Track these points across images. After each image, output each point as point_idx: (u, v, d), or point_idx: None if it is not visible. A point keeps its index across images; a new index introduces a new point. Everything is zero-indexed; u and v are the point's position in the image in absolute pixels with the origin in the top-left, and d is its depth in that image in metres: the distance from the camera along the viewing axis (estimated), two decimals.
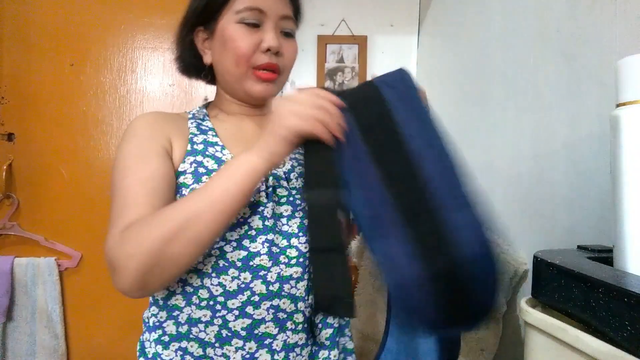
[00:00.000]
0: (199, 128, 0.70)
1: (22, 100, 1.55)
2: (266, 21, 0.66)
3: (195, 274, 0.59)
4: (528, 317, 0.51)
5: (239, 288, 0.59)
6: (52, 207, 1.57)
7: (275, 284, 0.60)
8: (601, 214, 0.66)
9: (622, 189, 0.46)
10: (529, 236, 0.88)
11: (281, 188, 0.66)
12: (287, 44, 0.69)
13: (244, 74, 0.67)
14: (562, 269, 0.47)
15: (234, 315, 0.58)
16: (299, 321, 0.61)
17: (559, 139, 0.78)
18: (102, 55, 1.59)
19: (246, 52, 0.65)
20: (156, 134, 0.65)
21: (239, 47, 0.65)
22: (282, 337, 0.60)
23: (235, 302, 0.58)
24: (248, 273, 0.59)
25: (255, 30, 0.66)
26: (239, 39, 0.65)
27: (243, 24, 0.65)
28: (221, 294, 0.59)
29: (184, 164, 0.64)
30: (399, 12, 1.68)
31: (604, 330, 0.40)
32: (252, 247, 0.60)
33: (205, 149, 0.66)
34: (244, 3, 0.65)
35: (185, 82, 1.62)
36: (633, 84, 0.46)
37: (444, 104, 1.42)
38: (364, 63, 1.65)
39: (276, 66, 0.67)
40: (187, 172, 0.63)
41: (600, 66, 0.67)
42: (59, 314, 1.53)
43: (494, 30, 1.05)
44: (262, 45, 0.65)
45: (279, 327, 0.60)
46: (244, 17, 0.65)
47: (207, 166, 0.64)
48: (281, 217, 0.64)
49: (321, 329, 0.65)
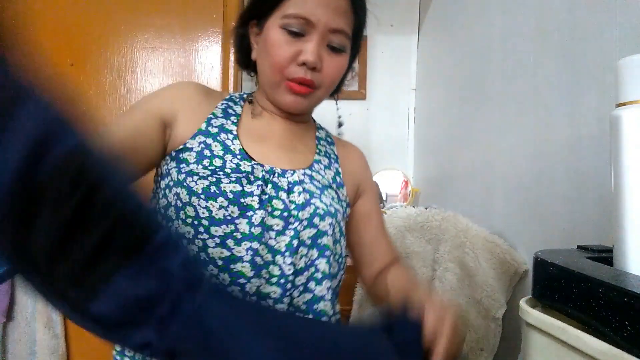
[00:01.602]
0: (226, 111, 0.69)
1: None
2: (312, 32, 0.62)
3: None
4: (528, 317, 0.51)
5: None
6: None
7: (252, 297, 0.58)
8: (601, 214, 0.66)
9: (622, 188, 0.46)
10: (529, 236, 0.88)
11: (278, 200, 0.62)
12: (329, 60, 0.64)
13: (278, 83, 0.65)
14: (562, 269, 0.47)
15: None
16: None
17: (559, 139, 0.78)
18: (102, 55, 1.59)
19: (281, 62, 0.63)
20: (167, 101, 0.66)
21: (276, 55, 0.62)
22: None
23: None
24: (227, 275, 0.57)
25: (297, 40, 0.62)
26: (277, 46, 0.62)
27: (286, 30, 0.62)
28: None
29: (193, 140, 0.64)
30: (399, 12, 1.68)
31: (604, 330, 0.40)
32: (236, 250, 0.58)
33: (218, 134, 0.65)
34: (294, 8, 0.61)
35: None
36: (633, 84, 0.46)
37: (444, 104, 1.42)
38: (364, 63, 1.65)
39: (311, 82, 0.64)
40: (193, 150, 0.63)
41: (600, 66, 0.67)
42: (59, 314, 1.53)
43: (494, 30, 1.05)
44: (298, 58, 0.62)
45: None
46: (288, 23, 0.62)
47: (214, 150, 0.63)
48: (270, 230, 0.61)
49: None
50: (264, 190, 0.62)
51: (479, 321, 0.91)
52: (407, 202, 1.57)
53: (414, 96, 1.69)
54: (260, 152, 0.67)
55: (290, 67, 0.63)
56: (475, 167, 1.14)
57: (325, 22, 0.62)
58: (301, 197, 0.64)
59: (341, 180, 0.74)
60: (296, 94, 0.65)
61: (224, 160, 0.63)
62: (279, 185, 0.64)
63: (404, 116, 1.70)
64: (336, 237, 0.67)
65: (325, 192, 0.68)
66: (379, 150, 1.67)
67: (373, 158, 1.66)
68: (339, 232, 0.68)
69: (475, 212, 1.07)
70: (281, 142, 0.71)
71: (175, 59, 1.62)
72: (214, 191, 0.60)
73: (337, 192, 0.71)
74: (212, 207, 0.59)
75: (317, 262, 0.64)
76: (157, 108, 0.64)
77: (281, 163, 0.68)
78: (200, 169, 0.61)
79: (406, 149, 1.70)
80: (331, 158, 0.76)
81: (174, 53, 1.62)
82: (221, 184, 0.60)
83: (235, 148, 0.65)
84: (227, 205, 0.59)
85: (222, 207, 0.59)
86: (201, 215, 0.59)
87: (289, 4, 0.62)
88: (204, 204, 0.59)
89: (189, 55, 1.62)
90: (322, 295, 0.64)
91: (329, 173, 0.73)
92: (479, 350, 0.91)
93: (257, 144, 0.68)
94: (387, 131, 1.68)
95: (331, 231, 0.65)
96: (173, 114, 0.65)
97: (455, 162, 1.29)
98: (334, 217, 0.66)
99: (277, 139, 0.71)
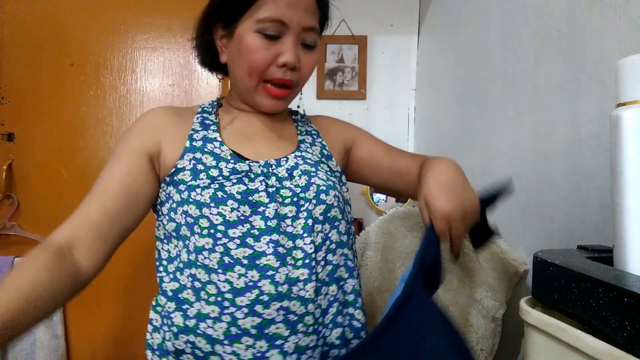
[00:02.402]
0: (203, 123, 0.70)
1: (22, 100, 1.55)
2: (287, 33, 0.63)
3: (203, 269, 0.59)
4: (528, 317, 0.51)
5: (246, 286, 0.58)
6: (52, 207, 1.56)
7: (284, 285, 0.59)
8: (601, 214, 0.66)
9: (622, 188, 0.46)
10: (529, 236, 0.88)
11: (285, 189, 0.65)
12: (305, 58, 0.66)
13: (255, 86, 0.66)
14: (562, 269, 0.47)
15: (243, 313, 0.58)
16: (310, 323, 0.60)
17: (559, 139, 0.78)
18: (102, 55, 1.59)
19: (261, 66, 0.64)
20: (146, 134, 0.67)
21: (254, 60, 0.63)
22: (293, 339, 0.59)
23: (243, 299, 0.58)
24: (255, 271, 0.58)
25: (273, 43, 0.63)
26: (255, 51, 0.63)
27: (262, 35, 0.63)
28: (229, 290, 0.58)
29: (183, 160, 0.65)
30: (399, 12, 1.68)
31: (604, 330, 0.40)
32: (257, 246, 0.59)
33: (204, 146, 0.66)
34: (267, 12, 0.62)
35: (186, 82, 1.62)
36: (633, 84, 0.46)
37: (444, 104, 1.42)
38: (364, 63, 1.65)
39: (290, 82, 0.65)
40: (186, 169, 0.64)
41: (600, 66, 0.67)
42: (59, 314, 1.53)
43: (494, 30, 1.05)
44: (278, 60, 0.63)
45: (290, 329, 0.59)
46: (263, 27, 0.63)
47: (206, 163, 0.64)
48: (285, 218, 0.63)
49: (331, 329, 0.64)
50: (267, 183, 0.64)
51: (479, 321, 0.91)
52: (407, 202, 1.57)
53: (414, 96, 1.69)
54: (250, 150, 0.69)
55: (270, 69, 0.64)
56: (475, 167, 1.14)
57: (298, 21, 0.63)
58: (302, 179, 0.66)
59: (328, 152, 0.76)
60: (275, 97, 0.66)
61: (220, 169, 0.64)
62: (279, 176, 0.66)
63: (404, 116, 1.70)
64: (341, 207, 0.69)
65: (319, 167, 0.70)
66: None
67: None
68: (342, 201, 0.70)
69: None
70: (265, 135, 0.72)
71: (175, 59, 1.62)
72: (221, 196, 0.61)
73: (329, 165, 0.74)
74: (224, 211, 0.60)
75: (329, 234, 0.66)
76: (140, 146, 0.65)
77: (273, 154, 0.69)
78: (200, 182, 0.62)
79: (406, 149, 1.69)
80: (312, 134, 0.78)
81: (174, 53, 1.62)
82: (225, 188, 0.61)
83: (226, 154, 0.66)
84: (237, 206, 0.61)
85: (234, 209, 0.60)
86: (215, 222, 0.60)
87: (260, 8, 0.63)
88: (216, 210, 0.60)
89: (189, 55, 1.62)
90: (337, 263, 0.66)
91: (315, 149, 0.75)
92: (479, 350, 0.91)
93: (244, 143, 0.69)
94: (387, 131, 1.67)
95: (336, 202, 0.67)
96: (156, 145, 0.66)
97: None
98: (335, 189, 0.68)
99: (261, 134, 0.72)
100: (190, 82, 1.63)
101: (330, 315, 0.64)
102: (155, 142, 0.66)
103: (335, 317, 0.64)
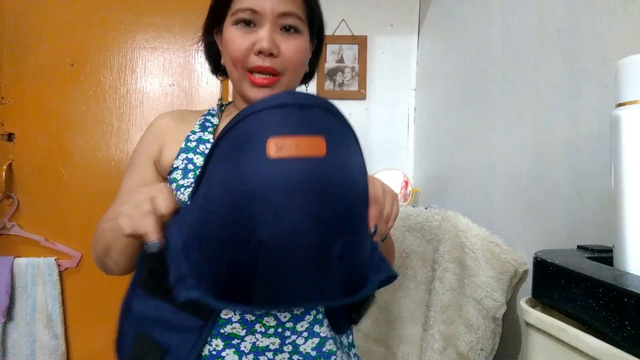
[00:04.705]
0: (203, 125, 0.71)
1: (22, 100, 1.55)
2: (262, 21, 0.63)
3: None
4: (528, 317, 0.51)
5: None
6: (52, 207, 1.56)
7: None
8: (601, 214, 0.66)
9: (622, 188, 0.46)
10: (529, 236, 0.88)
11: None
12: (286, 43, 0.64)
13: (241, 77, 0.66)
14: (562, 269, 0.47)
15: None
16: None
17: (559, 139, 0.78)
18: (102, 55, 1.59)
19: (239, 55, 0.64)
20: (152, 141, 0.70)
21: (233, 49, 0.64)
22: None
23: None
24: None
25: (250, 32, 0.64)
26: (233, 41, 0.64)
27: (239, 25, 0.64)
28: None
29: (177, 160, 0.66)
30: (399, 12, 1.67)
31: (604, 330, 0.40)
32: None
33: (197, 146, 0.67)
34: (240, 4, 0.64)
35: (186, 82, 1.62)
36: (633, 84, 0.46)
37: (444, 104, 1.42)
38: (364, 63, 1.66)
39: (272, 69, 0.64)
40: (179, 169, 0.65)
41: (600, 66, 0.67)
42: (59, 314, 1.53)
43: (494, 30, 1.05)
44: (254, 47, 0.63)
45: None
46: (238, 18, 0.64)
47: (196, 163, 0.65)
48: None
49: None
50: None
51: (479, 321, 0.91)
52: (407, 202, 1.57)
53: (414, 96, 1.69)
54: None
55: (249, 58, 0.64)
56: (475, 167, 1.14)
57: (272, 8, 0.63)
58: None
59: None
60: (260, 86, 0.65)
61: None
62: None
63: (404, 116, 1.69)
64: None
65: None
66: (379, 150, 1.67)
67: (373, 158, 1.66)
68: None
69: (475, 212, 1.07)
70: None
71: (175, 59, 1.62)
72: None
73: None
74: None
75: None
76: (148, 154, 0.69)
77: None
78: (186, 181, 0.63)
79: (406, 149, 1.70)
80: None
81: (174, 53, 1.62)
82: None
83: None
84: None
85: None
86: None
87: (234, 3, 0.65)
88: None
89: (189, 55, 1.62)
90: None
91: None
92: (479, 350, 0.91)
93: None
94: (387, 131, 1.68)
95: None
96: (159, 150, 0.69)
97: (455, 162, 1.29)
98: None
99: None
100: (190, 82, 1.63)
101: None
102: (160, 148, 0.69)
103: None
